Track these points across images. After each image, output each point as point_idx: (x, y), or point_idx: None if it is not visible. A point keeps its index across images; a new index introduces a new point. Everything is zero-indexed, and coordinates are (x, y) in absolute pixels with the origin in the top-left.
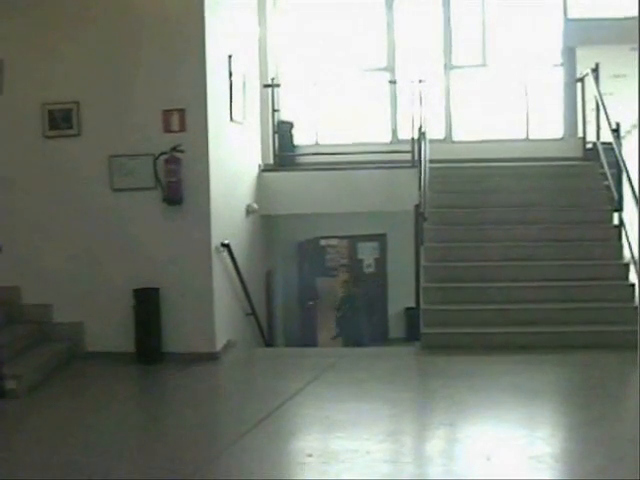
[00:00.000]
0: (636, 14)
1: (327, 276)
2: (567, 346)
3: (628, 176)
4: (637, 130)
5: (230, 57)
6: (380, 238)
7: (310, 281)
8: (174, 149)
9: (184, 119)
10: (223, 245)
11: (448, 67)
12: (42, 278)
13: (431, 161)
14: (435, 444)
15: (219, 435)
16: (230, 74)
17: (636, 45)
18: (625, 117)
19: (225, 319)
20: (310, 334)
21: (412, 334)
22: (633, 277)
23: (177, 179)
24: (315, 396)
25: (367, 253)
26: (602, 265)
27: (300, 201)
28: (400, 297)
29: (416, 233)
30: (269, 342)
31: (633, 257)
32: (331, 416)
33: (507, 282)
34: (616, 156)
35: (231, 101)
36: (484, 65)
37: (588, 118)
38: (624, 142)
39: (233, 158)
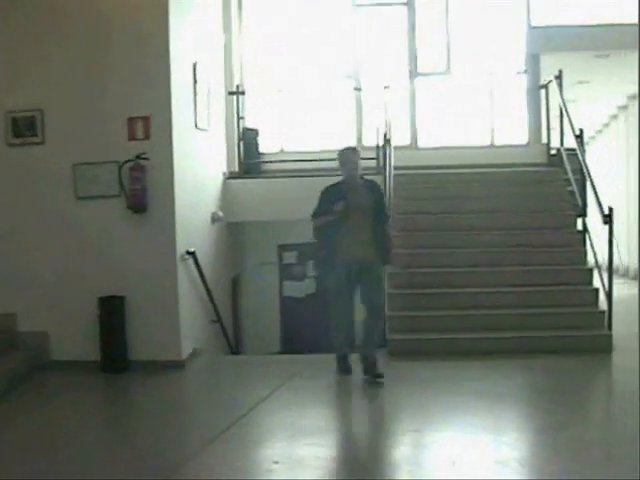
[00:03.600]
0: (597, 22)
1: (295, 280)
2: (532, 351)
3: (591, 182)
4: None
5: (195, 64)
6: None
7: (280, 288)
8: (139, 157)
9: (149, 126)
10: (188, 253)
11: (413, 74)
12: (6, 286)
13: (396, 167)
14: (401, 450)
15: (185, 443)
16: (195, 81)
17: (602, 52)
18: (589, 123)
19: (191, 327)
20: (286, 341)
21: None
22: (597, 282)
23: (142, 187)
24: (281, 403)
25: None
26: (566, 270)
27: (266, 208)
28: None
29: None
30: (235, 349)
31: (597, 262)
32: (297, 423)
33: (473, 288)
34: (580, 162)
35: (196, 108)
36: (448, 72)
37: (552, 124)
38: (588, 148)
39: (198, 165)
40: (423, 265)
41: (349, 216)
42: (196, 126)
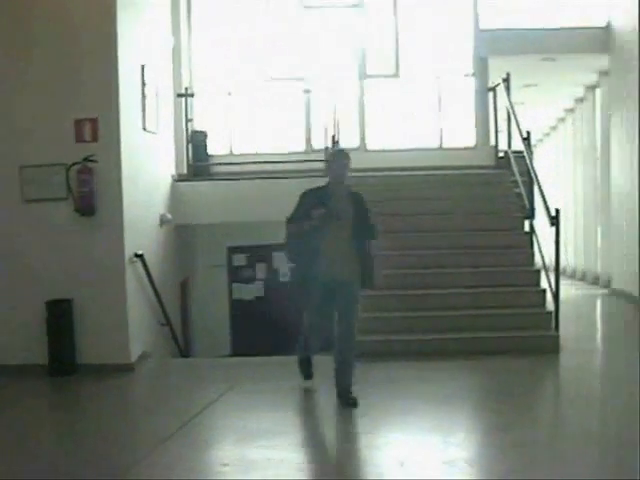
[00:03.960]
0: (545, 26)
1: (245, 283)
2: (481, 352)
3: (538, 184)
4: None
5: (143, 66)
6: None
7: (229, 290)
8: (87, 159)
9: (96, 129)
10: (137, 255)
11: (362, 76)
12: None
13: None
14: (350, 451)
15: (135, 446)
16: (143, 83)
17: (549, 55)
18: (537, 126)
19: (140, 330)
20: (236, 343)
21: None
22: (544, 283)
23: (89, 189)
24: (231, 406)
25: (282, 262)
26: (514, 271)
27: (215, 210)
28: None
29: None
30: (185, 352)
31: (544, 263)
32: (247, 425)
33: (424, 290)
34: (527, 164)
35: (144, 110)
36: (397, 74)
37: (500, 127)
38: (536, 150)
39: (146, 168)
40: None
41: (329, 226)
42: (144, 128)
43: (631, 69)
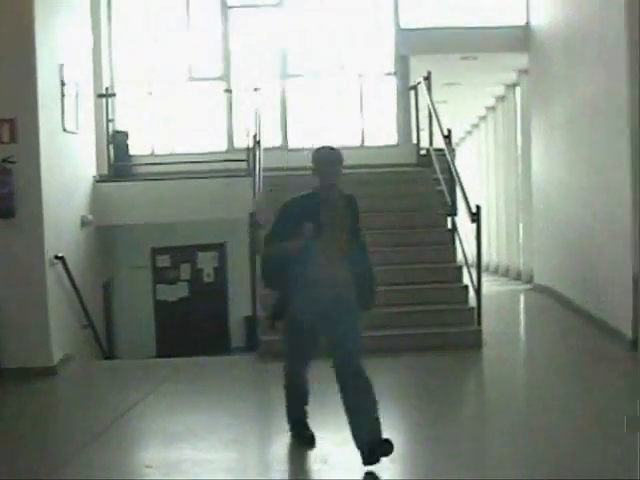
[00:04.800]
0: (465, 25)
1: (169, 284)
2: (405, 348)
3: (459, 181)
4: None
5: (62, 66)
6: (219, 247)
7: (154, 291)
8: (5, 160)
9: (14, 129)
10: (57, 257)
11: (284, 75)
12: None
13: (268, 169)
14: (274, 451)
15: (56, 450)
16: (62, 83)
17: (469, 54)
18: (459, 124)
19: (62, 332)
20: (161, 345)
21: (252, 343)
22: (467, 279)
23: (8, 191)
24: (154, 408)
25: (207, 262)
26: (438, 268)
27: (138, 211)
28: (240, 306)
29: (251, 241)
30: (108, 354)
31: (466, 260)
32: (170, 427)
33: None
34: (448, 162)
35: (64, 111)
36: (319, 73)
37: (422, 125)
38: (459, 148)
39: (67, 169)
40: None
41: (321, 243)
42: (64, 129)
43: (549, 68)
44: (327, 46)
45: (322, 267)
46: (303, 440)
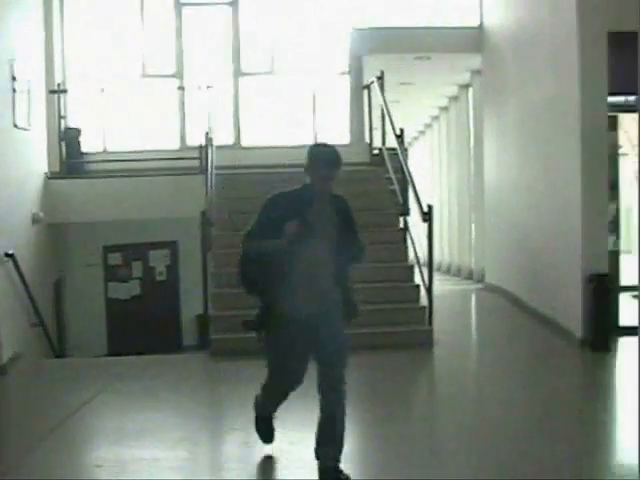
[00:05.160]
0: (419, 25)
1: (121, 282)
2: (357, 347)
3: (412, 181)
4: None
5: (13, 61)
6: (171, 245)
7: (105, 290)
8: None
9: None
10: (7, 255)
11: (237, 73)
12: None
13: (220, 167)
14: (225, 449)
15: (5, 450)
16: (13, 79)
17: (423, 54)
18: (413, 124)
19: (11, 330)
20: (113, 343)
21: (204, 341)
22: (418, 279)
23: None
24: (105, 406)
25: (159, 260)
26: (389, 267)
27: (90, 209)
28: (193, 304)
29: (203, 239)
30: (59, 353)
31: (418, 259)
32: (120, 426)
33: None
34: (401, 161)
35: (14, 107)
36: (273, 72)
37: (375, 124)
38: (412, 148)
39: (17, 165)
40: None
41: (307, 243)
42: (15, 125)
43: (501, 69)
44: (281, 45)
45: (308, 268)
46: (265, 436)
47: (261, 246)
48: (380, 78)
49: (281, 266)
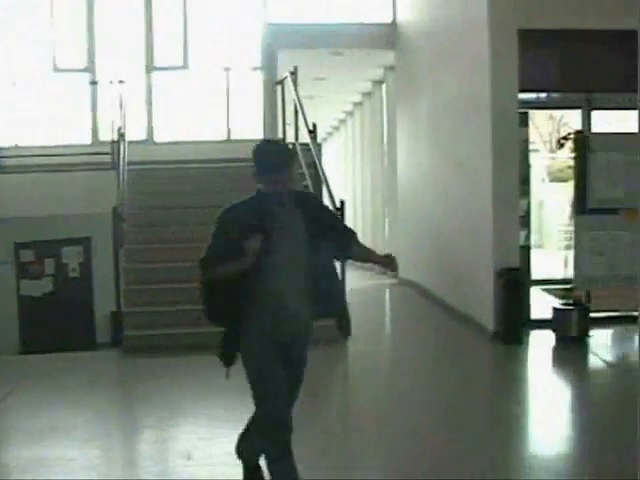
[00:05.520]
0: (333, 21)
1: (33, 279)
2: None
3: (324, 176)
4: None
5: None
6: (85, 242)
7: (17, 287)
8: None
9: None
10: None
11: (149, 68)
12: None
13: (133, 163)
14: (138, 447)
15: None
16: None
17: (336, 50)
18: (328, 119)
19: None
20: (26, 341)
21: (118, 338)
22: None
23: None
24: (16, 405)
25: (72, 257)
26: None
27: (0, 205)
28: (107, 301)
29: (114, 235)
30: None
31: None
32: (32, 425)
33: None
34: (313, 157)
35: None
36: (186, 66)
37: (288, 120)
38: (327, 143)
39: None
40: (160, 260)
41: (273, 256)
42: None
43: (414, 65)
44: (194, 39)
45: (279, 281)
46: None
47: (222, 270)
48: (293, 73)
49: (247, 286)
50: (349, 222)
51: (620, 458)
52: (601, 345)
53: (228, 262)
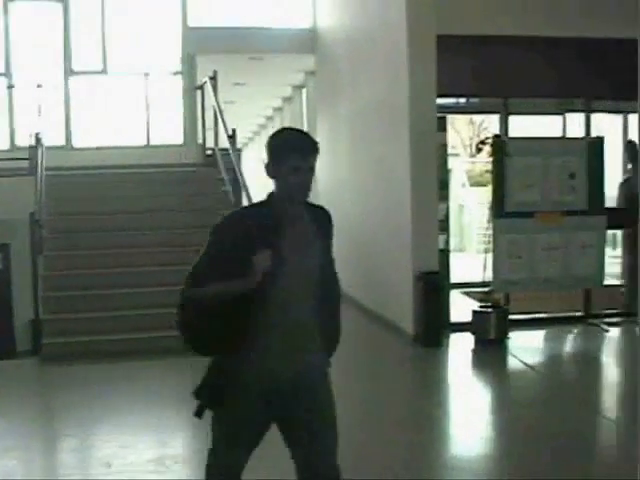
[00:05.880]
0: (254, 25)
1: None
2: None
3: (243, 181)
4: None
5: None
6: (3, 248)
7: None
8: None
9: None
10: None
11: (68, 72)
12: None
13: (51, 168)
14: (57, 456)
15: None
16: None
17: (256, 55)
18: (248, 124)
19: None
20: None
21: (38, 346)
22: None
23: None
24: None
25: None
26: None
27: None
28: (25, 309)
29: (32, 242)
30: None
31: None
32: None
33: (129, 289)
34: (233, 162)
35: None
36: (105, 71)
37: (209, 125)
38: (248, 148)
39: None
40: (79, 267)
41: (282, 281)
42: None
43: (334, 70)
44: (113, 44)
45: (282, 316)
46: None
47: (214, 293)
48: (213, 78)
49: (243, 315)
50: None
51: (539, 458)
52: (520, 347)
53: (220, 285)
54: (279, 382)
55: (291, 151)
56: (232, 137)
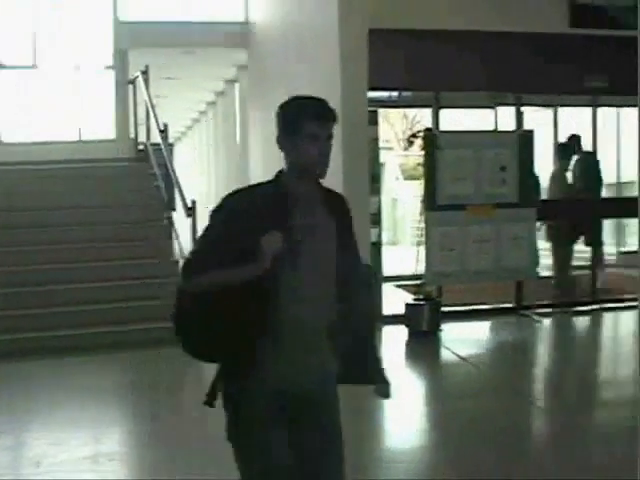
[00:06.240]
0: (185, 19)
1: None
2: (122, 344)
3: (175, 176)
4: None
5: None
6: None
7: None
8: None
9: None
10: None
11: None
12: None
13: None
14: None
15: None
16: None
17: (188, 49)
18: (181, 118)
19: None
20: None
21: None
22: None
23: None
24: None
25: None
26: (153, 263)
27: None
28: None
29: None
30: None
31: (183, 254)
32: None
33: (64, 285)
34: (164, 157)
35: None
36: (35, 65)
37: (141, 120)
38: (180, 143)
39: None
40: (7, 264)
41: (293, 270)
42: None
43: (267, 64)
44: (43, 37)
45: (295, 309)
46: None
47: (217, 279)
48: (145, 72)
49: (248, 309)
50: (202, 221)
51: (475, 449)
52: (452, 339)
53: (222, 273)
54: (291, 389)
55: (307, 117)
56: (164, 132)
